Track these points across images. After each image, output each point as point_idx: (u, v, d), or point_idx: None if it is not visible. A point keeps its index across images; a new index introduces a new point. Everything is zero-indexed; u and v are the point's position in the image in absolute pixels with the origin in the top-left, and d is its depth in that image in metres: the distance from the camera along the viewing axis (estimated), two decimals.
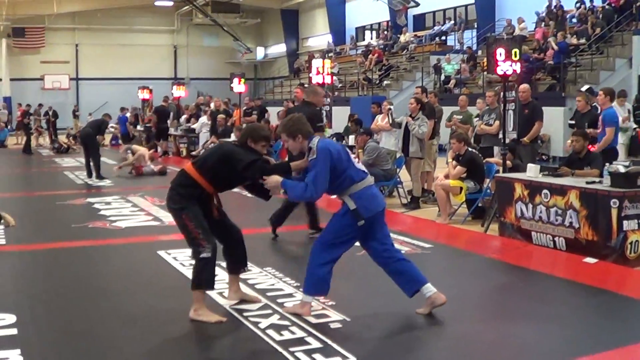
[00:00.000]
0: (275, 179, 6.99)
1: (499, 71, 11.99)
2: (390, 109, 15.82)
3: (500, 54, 11.88)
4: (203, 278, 6.98)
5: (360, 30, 46.38)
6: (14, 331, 6.81)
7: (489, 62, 12.71)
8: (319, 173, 6.88)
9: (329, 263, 7.22)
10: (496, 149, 14.17)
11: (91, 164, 20.12)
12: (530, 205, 10.68)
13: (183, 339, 6.63)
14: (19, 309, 7.49)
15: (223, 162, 7.07)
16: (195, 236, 6.96)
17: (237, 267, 7.65)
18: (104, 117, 24.20)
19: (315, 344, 6.36)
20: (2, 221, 9.87)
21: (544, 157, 22.56)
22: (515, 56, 11.87)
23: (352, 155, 7.27)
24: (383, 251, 7.36)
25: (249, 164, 6.95)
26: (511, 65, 11.91)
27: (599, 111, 13.27)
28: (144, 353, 6.34)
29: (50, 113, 36.34)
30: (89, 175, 20.12)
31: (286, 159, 11.49)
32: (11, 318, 7.14)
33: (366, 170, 7.33)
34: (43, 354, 6.28)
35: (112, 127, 32.99)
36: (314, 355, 6.09)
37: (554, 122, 22.02)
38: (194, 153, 26.30)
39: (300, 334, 6.67)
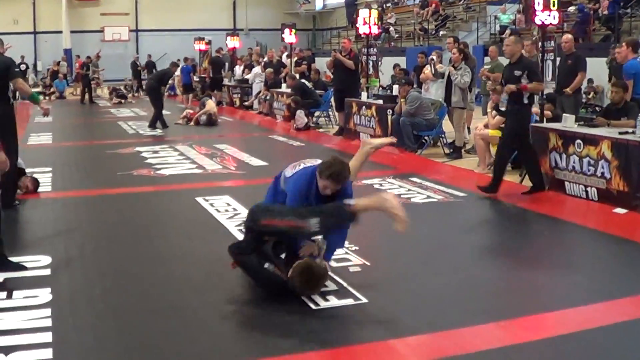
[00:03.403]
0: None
1: (537, 21, 11.95)
2: (432, 59, 15.89)
3: (539, 4, 11.82)
4: None
5: None
6: (47, 272, 7.17)
7: (527, 11, 12.66)
8: None
9: None
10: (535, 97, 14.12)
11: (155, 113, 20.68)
12: (564, 155, 10.71)
13: (207, 279, 6.88)
14: (55, 251, 7.82)
15: None
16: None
17: None
18: (171, 66, 23.90)
19: (331, 287, 6.57)
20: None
21: (597, 108, 22.34)
22: (554, 6, 11.80)
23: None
24: None
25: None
26: (549, 15, 11.85)
27: None
28: (171, 291, 6.65)
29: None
30: (163, 125, 20.69)
31: None
32: (46, 259, 7.48)
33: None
34: (72, 292, 6.59)
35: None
36: (327, 297, 6.31)
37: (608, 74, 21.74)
38: (246, 103, 26.60)
39: None
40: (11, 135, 9.60)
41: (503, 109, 11.95)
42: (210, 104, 22.36)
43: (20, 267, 7.22)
